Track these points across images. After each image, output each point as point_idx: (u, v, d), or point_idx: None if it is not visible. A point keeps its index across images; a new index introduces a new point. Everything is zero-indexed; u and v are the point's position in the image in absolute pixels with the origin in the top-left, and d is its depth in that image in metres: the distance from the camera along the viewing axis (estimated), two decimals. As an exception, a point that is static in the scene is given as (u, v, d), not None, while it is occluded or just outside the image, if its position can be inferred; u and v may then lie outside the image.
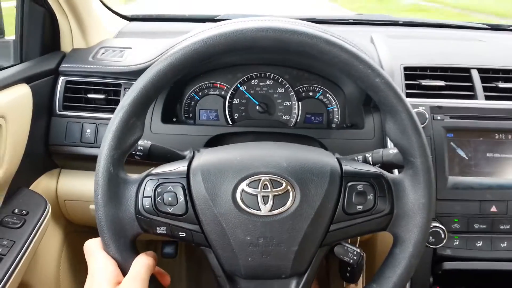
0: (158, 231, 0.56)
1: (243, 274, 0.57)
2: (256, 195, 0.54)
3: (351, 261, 0.63)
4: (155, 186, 0.56)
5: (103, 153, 0.54)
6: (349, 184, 0.57)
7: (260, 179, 0.55)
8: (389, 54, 0.96)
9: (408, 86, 0.90)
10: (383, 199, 0.57)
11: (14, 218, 0.79)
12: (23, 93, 0.82)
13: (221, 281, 0.58)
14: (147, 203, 0.55)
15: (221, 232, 0.55)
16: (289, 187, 0.55)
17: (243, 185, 0.55)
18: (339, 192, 0.57)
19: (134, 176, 0.58)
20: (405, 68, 0.92)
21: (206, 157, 0.59)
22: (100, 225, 0.54)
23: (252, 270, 0.56)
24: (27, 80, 0.84)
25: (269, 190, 0.55)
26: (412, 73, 0.92)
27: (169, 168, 0.58)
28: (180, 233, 0.56)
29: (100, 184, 0.53)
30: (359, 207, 0.57)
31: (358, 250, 0.65)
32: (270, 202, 0.54)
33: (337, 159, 0.61)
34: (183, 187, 0.56)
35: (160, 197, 0.55)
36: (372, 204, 0.57)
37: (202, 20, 1.23)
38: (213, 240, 0.55)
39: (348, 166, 0.59)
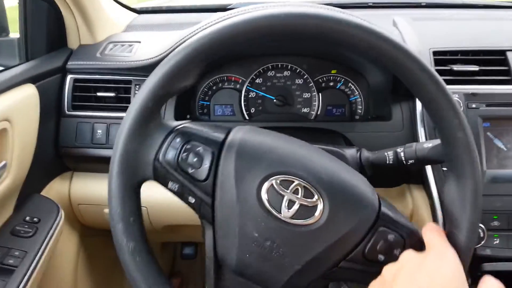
0: (169, 186, 0.52)
1: (233, 267, 0.52)
2: (283, 196, 0.49)
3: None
4: (185, 141, 0.52)
5: (148, 85, 0.50)
6: (380, 229, 0.51)
7: (294, 182, 0.50)
8: (415, 39, 0.89)
9: (438, 73, 0.83)
10: None
11: (26, 226, 0.76)
12: (29, 93, 0.78)
13: (208, 262, 0.54)
14: (170, 154, 0.51)
15: (231, 216, 0.50)
16: (319, 202, 0.49)
17: (274, 180, 0.50)
18: (367, 232, 0.50)
19: (168, 122, 0.54)
20: (435, 53, 0.86)
21: (247, 135, 0.54)
22: (114, 155, 0.50)
23: (244, 268, 0.51)
24: (33, 79, 0.80)
25: (299, 196, 0.49)
26: (442, 58, 0.86)
27: (207, 130, 0.54)
28: (190, 197, 0.52)
29: (132, 115, 0.49)
30: (380, 257, 0.50)
31: None
32: (294, 208, 0.49)
33: (378, 196, 0.55)
34: (212, 154, 0.51)
35: (186, 153, 0.51)
36: (395, 259, 0.50)
37: (213, 9, 1.17)
38: (219, 220, 0.51)
39: (386, 209, 0.53)
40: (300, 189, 0.49)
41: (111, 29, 0.99)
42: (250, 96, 0.95)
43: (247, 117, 0.94)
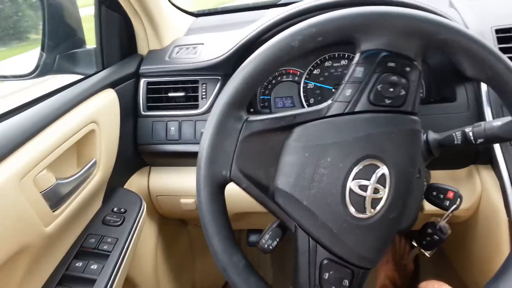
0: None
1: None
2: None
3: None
4: None
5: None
6: None
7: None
8: (475, 18, 0.87)
9: (502, 51, 0.82)
10: None
11: (115, 216, 0.84)
12: (111, 97, 0.86)
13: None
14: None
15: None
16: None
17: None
18: None
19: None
20: (497, 31, 0.84)
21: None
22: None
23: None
24: (112, 85, 0.88)
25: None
26: (506, 35, 0.83)
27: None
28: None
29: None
30: None
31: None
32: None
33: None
34: None
35: None
36: None
37: (266, 6, 1.21)
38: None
39: None
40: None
41: (175, 34, 1.06)
42: (308, 87, 0.97)
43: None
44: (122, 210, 0.86)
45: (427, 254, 0.68)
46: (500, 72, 0.51)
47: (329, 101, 0.56)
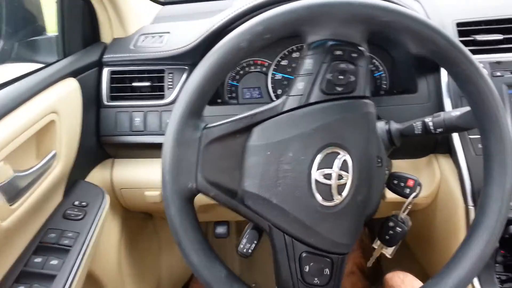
0: None
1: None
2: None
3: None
4: None
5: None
6: None
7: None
8: (438, 11, 0.90)
9: (463, 43, 0.84)
10: None
11: (76, 210, 0.81)
12: (72, 87, 0.83)
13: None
14: None
15: None
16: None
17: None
18: None
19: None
20: (458, 24, 0.87)
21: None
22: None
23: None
24: (74, 73, 0.85)
25: None
26: (466, 29, 0.86)
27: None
28: None
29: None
30: None
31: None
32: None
33: None
34: None
35: None
36: None
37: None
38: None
39: None
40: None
41: (141, 22, 1.03)
42: (276, 78, 0.98)
43: (274, 99, 0.97)
44: (83, 203, 0.83)
45: (388, 255, 0.70)
46: (441, 45, 0.53)
47: (284, 97, 0.57)
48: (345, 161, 0.55)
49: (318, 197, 0.55)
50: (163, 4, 1.19)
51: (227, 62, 0.54)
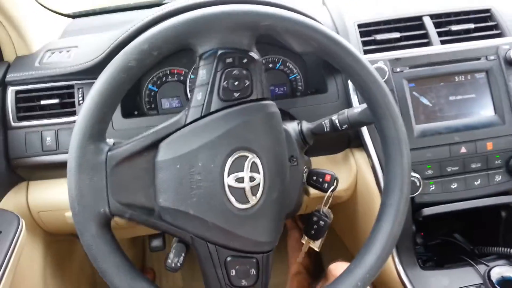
0: None
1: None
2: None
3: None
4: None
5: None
6: None
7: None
8: (341, 15, 0.95)
9: (364, 43, 0.90)
10: None
11: (-13, 240, 0.76)
12: (-28, 110, 0.77)
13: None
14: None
15: None
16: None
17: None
18: None
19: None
20: (359, 26, 0.92)
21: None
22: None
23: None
24: (-27, 96, 0.79)
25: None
26: (367, 29, 0.92)
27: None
28: None
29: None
30: None
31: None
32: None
33: None
34: None
35: None
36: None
37: (149, 6, 1.19)
38: None
39: None
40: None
41: (46, 37, 0.98)
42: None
43: (194, 107, 0.97)
44: (-4, 232, 0.78)
45: (316, 248, 0.73)
46: (321, 41, 0.56)
47: (185, 109, 0.58)
48: (254, 163, 0.56)
49: (234, 201, 0.56)
50: (73, 17, 1.15)
51: (120, 83, 0.53)
